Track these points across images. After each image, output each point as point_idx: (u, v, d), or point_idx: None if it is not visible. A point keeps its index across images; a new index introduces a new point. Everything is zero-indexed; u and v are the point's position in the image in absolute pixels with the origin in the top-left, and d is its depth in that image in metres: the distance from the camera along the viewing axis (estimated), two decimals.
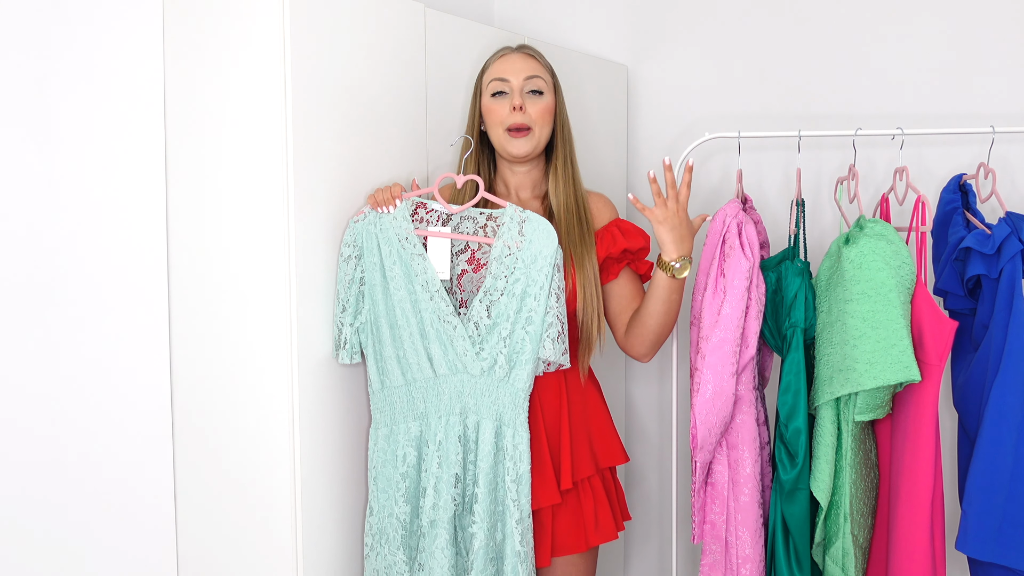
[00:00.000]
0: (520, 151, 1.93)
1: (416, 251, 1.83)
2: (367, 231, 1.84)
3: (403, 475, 1.83)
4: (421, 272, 1.83)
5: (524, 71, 1.93)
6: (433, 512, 1.80)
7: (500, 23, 2.99)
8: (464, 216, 1.91)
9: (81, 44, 1.70)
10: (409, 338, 1.83)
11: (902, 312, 1.86)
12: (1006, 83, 2.39)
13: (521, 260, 1.83)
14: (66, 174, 1.69)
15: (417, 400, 1.85)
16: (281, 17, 1.66)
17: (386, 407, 1.86)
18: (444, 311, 1.81)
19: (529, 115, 1.92)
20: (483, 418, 1.83)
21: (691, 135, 2.77)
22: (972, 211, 2.02)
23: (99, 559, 1.76)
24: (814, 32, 2.60)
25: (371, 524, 1.87)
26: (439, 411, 1.84)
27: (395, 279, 1.83)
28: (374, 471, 1.86)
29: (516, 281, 1.82)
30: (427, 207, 1.89)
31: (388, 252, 1.83)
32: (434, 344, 1.82)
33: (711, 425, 1.95)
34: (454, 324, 1.81)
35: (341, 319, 1.83)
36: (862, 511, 1.98)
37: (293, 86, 1.67)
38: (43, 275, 1.66)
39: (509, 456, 1.82)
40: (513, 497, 1.81)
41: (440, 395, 1.84)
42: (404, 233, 1.83)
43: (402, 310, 1.83)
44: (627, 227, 1.99)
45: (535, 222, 1.83)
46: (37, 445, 1.66)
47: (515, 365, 1.82)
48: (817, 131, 2.14)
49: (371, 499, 1.86)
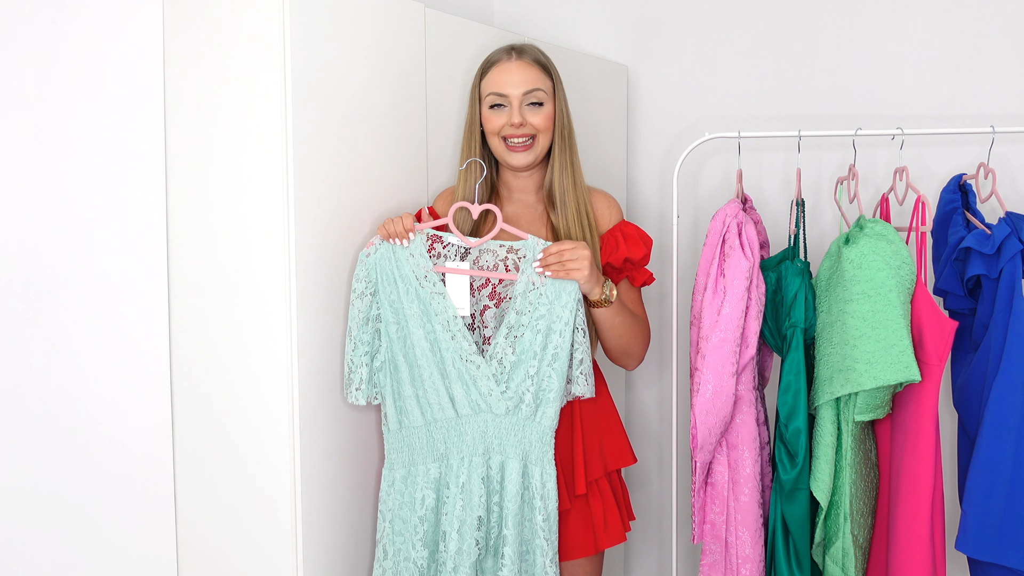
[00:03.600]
0: (521, 163, 1.91)
1: (436, 289, 1.78)
2: (381, 266, 1.77)
3: (421, 518, 1.78)
4: (442, 311, 1.77)
5: (523, 84, 1.88)
6: (457, 557, 1.75)
7: (500, 23, 2.99)
8: (483, 249, 1.85)
9: (81, 45, 1.70)
10: (430, 378, 1.78)
11: (902, 312, 1.86)
12: (1006, 83, 2.39)
13: (545, 296, 1.78)
14: (66, 174, 1.69)
15: (438, 441, 1.80)
16: (281, 17, 1.66)
17: (404, 448, 1.81)
18: (467, 350, 1.77)
19: (531, 125, 1.89)
20: (508, 458, 1.79)
21: (691, 135, 2.77)
22: (972, 211, 2.02)
23: (99, 560, 1.76)
24: (814, 32, 2.60)
25: (384, 568, 1.81)
26: (461, 452, 1.79)
27: (413, 317, 1.78)
28: (390, 513, 1.81)
29: (541, 317, 1.78)
30: (443, 241, 1.84)
31: (406, 289, 1.78)
32: (456, 384, 1.77)
33: (711, 425, 1.95)
34: (477, 363, 1.77)
35: (353, 358, 1.77)
36: (862, 511, 1.98)
37: (293, 86, 1.67)
38: (43, 275, 1.66)
39: (538, 495, 1.78)
40: (545, 535, 1.78)
41: (462, 436, 1.79)
42: (423, 271, 1.78)
43: (421, 349, 1.77)
44: (630, 232, 1.97)
45: None
46: (37, 445, 1.66)
47: (542, 403, 1.79)
48: (817, 131, 2.14)
49: (385, 542, 1.81)
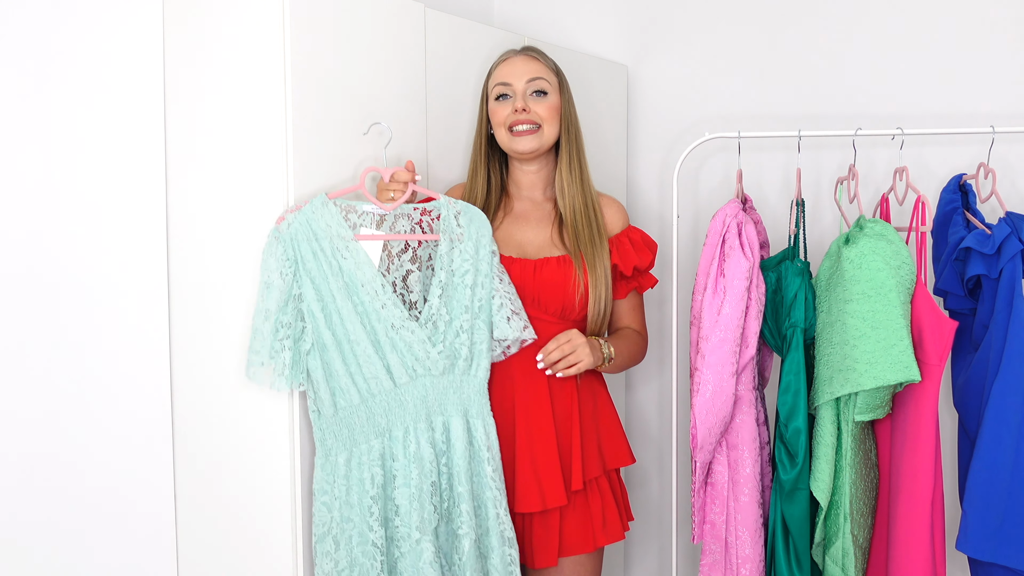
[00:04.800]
0: (526, 147, 1.92)
1: (361, 259, 1.71)
2: (298, 241, 1.67)
3: (373, 498, 1.71)
4: (368, 281, 1.71)
5: (527, 73, 1.93)
6: (420, 527, 1.72)
7: (500, 23, 2.99)
8: (397, 215, 1.81)
9: (81, 45, 1.70)
10: (363, 352, 1.70)
11: (902, 312, 1.86)
12: (1006, 83, 2.39)
13: (467, 251, 1.82)
14: (66, 174, 1.69)
15: (378, 416, 1.73)
16: (281, 17, 1.66)
17: (343, 430, 1.71)
18: (399, 317, 1.72)
19: (536, 114, 1.92)
20: (450, 416, 1.79)
21: (691, 135, 2.77)
22: (972, 211, 2.02)
23: (99, 559, 1.75)
24: (814, 32, 2.60)
25: (338, 560, 1.71)
26: (404, 421, 1.75)
27: (339, 291, 1.69)
28: (337, 502, 1.71)
29: (467, 272, 1.81)
30: (357, 211, 1.76)
31: (328, 263, 1.69)
32: (391, 354, 1.72)
33: (711, 425, 1.95)
34: (411, 328, 1.73)
35: (274, 343, 1.64)
36: (862, 511, 1.98)
37: (293, 86, 1.67)
38: (43, 275, 1.66)
39: (484, 446, 1.81)
40: (497, 486, 1.80)
41: (403, 405, 1.75)
42: (343, 242, 1.70)
43: (352, 324, 1.70)
44: (638, 238, 2.01)
45: (469, 211, 1.84)
46: (37, 444, 1.66)
47: (475, 356, 1.82)
48: (817, 131, 2.14)
49: (334, 533, 1.71)
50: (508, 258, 1.92)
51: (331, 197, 1.72)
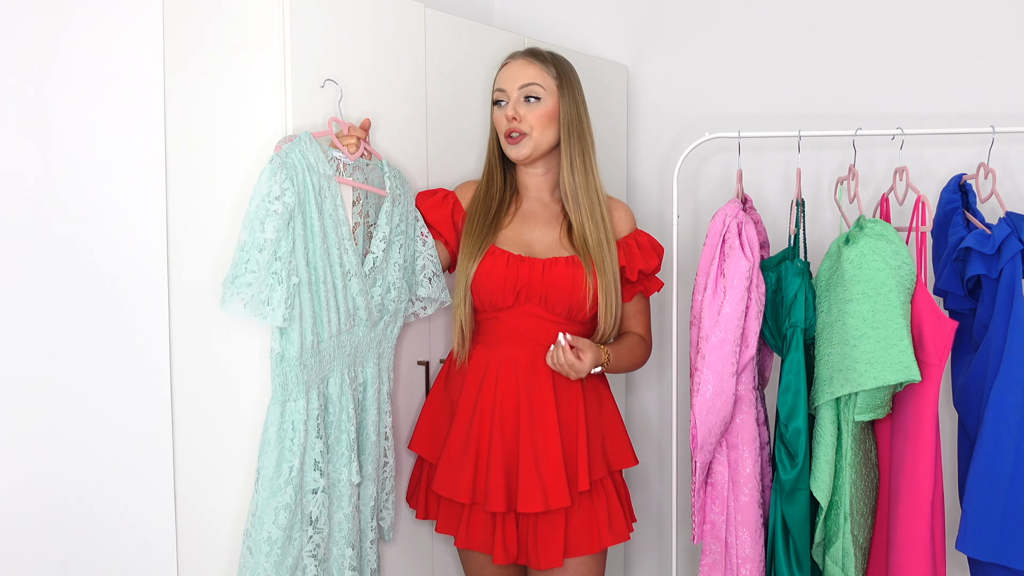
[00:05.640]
0: (517, 155, 1.94)
1: (338, 200, 1.68)
2: (296, 169, 1.60)
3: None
4: (341, 223, 1.69)
5: (520, 79, 1.93)
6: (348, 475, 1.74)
7: (500, 23, 2.99)
8: (354, 166, 1.80)
9: (81, 45, 1.70)
10: (326, 294, 1.67)
11: (902, 312, 1.86)
12: (1006, 83, 2.39)
13: (401, 212, 1.86)
14: (66, 174, 1.69)
15: (324, 362, 1.70)
16: (281, 17, 1.66)
17: (303, 374, 1.64)
18: (354, 264, 1.72)
19: (526, 121, 1.92)
20: (368, 368, 1.83)
21: (691, 135, 2.77)
22: (972, 211, 2.02)
23: (99, 559, 1.76)
24: (814, 32, 2.60)
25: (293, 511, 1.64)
26: (339, 369, 1.73)
27: (318, 230, 1.63)
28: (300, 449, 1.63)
29: (402, 232, 1.86)
30: (329, 155, 1.73)
31: (315, 198, 1.64)
32: (343, 300, 1.72)
33: (711, 425, 1.95)
34: (360, 277, 1.76)
35: (275, 273, 1.55)
36: (862, 511, 1.98)
37: (293, 86, 1.67)
38: (42, 275, 1.66)
39: (386, 402, 1.87)
40: (389, 443, 1.89)
41: (342, 352, 1.73)
42: (328, 180, 1.67)
43: (324, 264, 1.66)
44: (644, 241, 2.02)
45: (400, 174, 1.88)
46: (37, 444, 1.66)
47: (398, 312, 1.87)
48: (817, 131, 2.14)
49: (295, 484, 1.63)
50: (516, 257, 1.92)
51: (314, 136, 1.67)
